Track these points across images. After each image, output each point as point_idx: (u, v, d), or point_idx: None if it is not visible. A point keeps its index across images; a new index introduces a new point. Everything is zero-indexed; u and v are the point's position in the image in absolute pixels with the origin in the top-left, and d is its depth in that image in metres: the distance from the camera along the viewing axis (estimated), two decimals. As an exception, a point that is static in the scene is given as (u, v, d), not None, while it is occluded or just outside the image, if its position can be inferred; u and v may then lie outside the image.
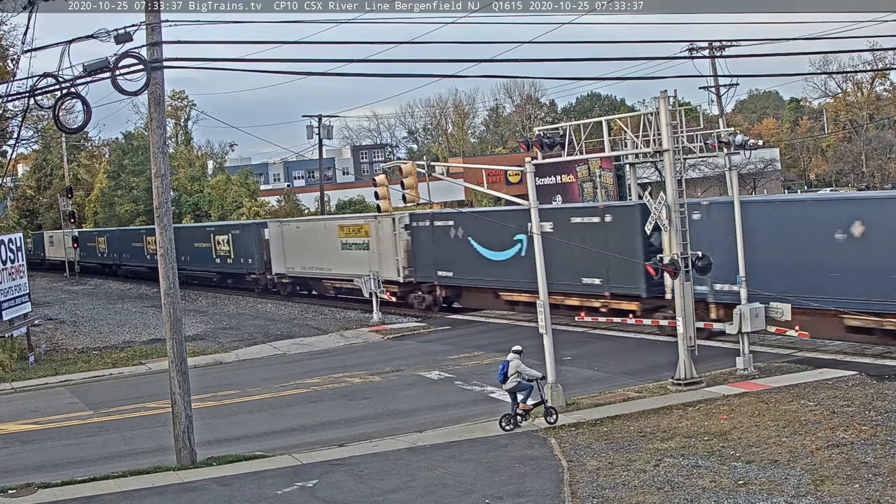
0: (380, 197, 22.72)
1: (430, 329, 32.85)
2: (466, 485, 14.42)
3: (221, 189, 66.55)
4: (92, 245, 69.13)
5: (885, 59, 70.18)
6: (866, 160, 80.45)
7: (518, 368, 17.64)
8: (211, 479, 15.82)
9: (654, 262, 20.49)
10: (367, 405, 21.65)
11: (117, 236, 65.04)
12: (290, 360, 29.14)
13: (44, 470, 17.65)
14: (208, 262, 51.55)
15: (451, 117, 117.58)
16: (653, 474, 14.12)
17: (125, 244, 63.03)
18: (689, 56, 44.72)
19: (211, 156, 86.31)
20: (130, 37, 15.31)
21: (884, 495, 12.43)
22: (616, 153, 22.80)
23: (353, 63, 23.26)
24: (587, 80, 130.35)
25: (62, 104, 16.45)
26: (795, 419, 16.67)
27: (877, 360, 21.74)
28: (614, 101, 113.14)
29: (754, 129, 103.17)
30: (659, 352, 24.72)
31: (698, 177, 62.15)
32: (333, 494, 14.46)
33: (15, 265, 30.48)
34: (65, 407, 23.93)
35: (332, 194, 70.29)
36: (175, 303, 17.18)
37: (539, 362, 18.90)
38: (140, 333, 36.71)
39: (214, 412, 21.90)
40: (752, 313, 20.95)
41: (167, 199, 17.21)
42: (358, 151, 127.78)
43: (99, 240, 68.26)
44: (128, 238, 62.68)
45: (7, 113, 33.81)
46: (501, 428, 17.58)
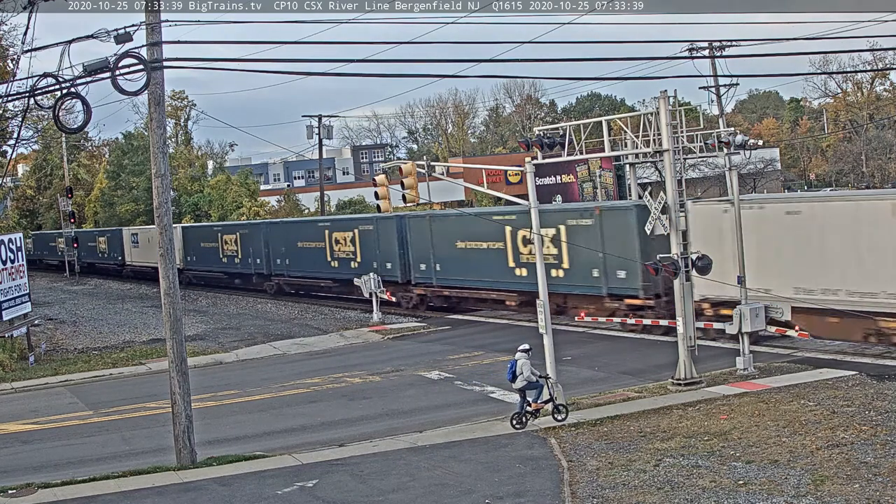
0: (380, 197, 22.71)
1: (429, 329, 32.85)
2: (466, 485, 14.42)
3: (221, 189, 66.56)
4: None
5: (885, 59, 70.18)
6: (866, 160, 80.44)
7: (522, 368, 17.69)
8: (211, 479, 15.82)
9: (655, 261, 20.51)
10: (367, 405, 21.65)
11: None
12: (290, 360, 29.14)
13: (44, 470, 17.65)
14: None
15: (451, 117, 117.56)
16: (653, 474, 14.12)
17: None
18: (689, 56, 44.75)
19: (211, 156, 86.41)
20: (130, 37, 15.32)
21: (884, 495, 12.44)
22: (616, 153, 22.80)
23: (353, 63, 23.26)
24: (587, 80, 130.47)
25: (62, 104, 16.46)
26: (795, 419, 16.67)
27: (877, 360, 21.73)
28: (614, 101, 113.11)
29: (754, 129, 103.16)
30: (659, 352, 24.72)
31: (698, 177, 62.13)
32: (333, 494, 14.46)
33: (15, 265, 30.48)
34: (65, 407, 23.93)
35: (332, 194, 70.31)
36: (175, 303, 17.19)
37: (539, 362, 18.90)
38: (140, 333, 36.71)
39: (214, 412, 21.90)
40: (752, 313, 20.96)
41: (167, 199, 17.21)
42: (358, 151, 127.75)
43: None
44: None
45: (7, 113, 33.82)
46: (512, 426, 17.65)
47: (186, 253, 53.54)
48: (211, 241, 51.59)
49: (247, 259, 47.86)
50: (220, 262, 50.83)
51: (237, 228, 50.24)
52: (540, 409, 17.98)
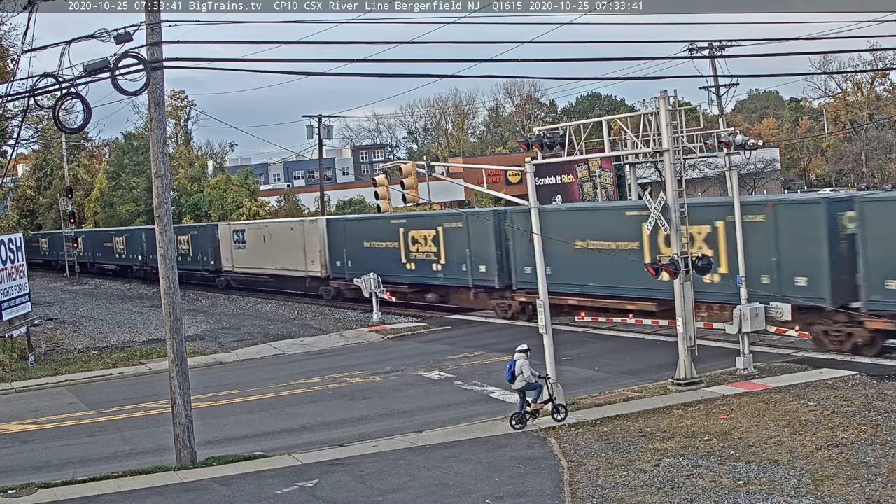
0: (380, 197, 22.72)
1: (429, 329, 32.85)
2: (466, 485, 14.42)
3: (221, 189, 66.54)
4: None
5: (885, 59, 70.23)
6: (866, 160, 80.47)
7: (522, 369, 17.70)
8: (211, 479, 15.82)
9: (654, 261, 20.51)
10: (367, 405, 21.65)
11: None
12: (290, 360, 29.14)
13: (44, 470, 17.65)
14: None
15: (451, 117, 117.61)
16: (653, 474, 14.12)
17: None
18: (689, 56, 44.80)
19: (211, 156, 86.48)
20: (130, 37, 15.31)
21: (884, 495, 12.43)
22: (616, 153, 22.81)
23: (353, 63, 23.31)
24: (587, 80, 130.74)
25: (62, 104, 16.44)
26: (795, 419, 16.67)
27: (877, 360, 21.73)
28: (614, 101, 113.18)
29: (754, 129, 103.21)
30: (659, 352, 24.72)
31: (698, 177, 62.16)
32: (333, 494, 14.46)
33: (15, 265, 30.47)
34: (65, 407, 23.92)
35: (332, 194, 70.28)
36: (175, 303, 17.18)
37: (539, 362, 18.91)
38: (140, 333, 36.71)
39: (214, 412, 21.90)
40: (752, 313, 20.96)
41: (167, 199, 17.21)
42: (358, 151, 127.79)
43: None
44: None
45: (7, 113, 33.83)
46: (512, 426, 17.65)
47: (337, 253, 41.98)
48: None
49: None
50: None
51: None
52: (539, 410, 17.99)
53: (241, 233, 48.65)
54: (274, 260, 45.32)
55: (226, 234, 50.26)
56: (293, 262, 43.79)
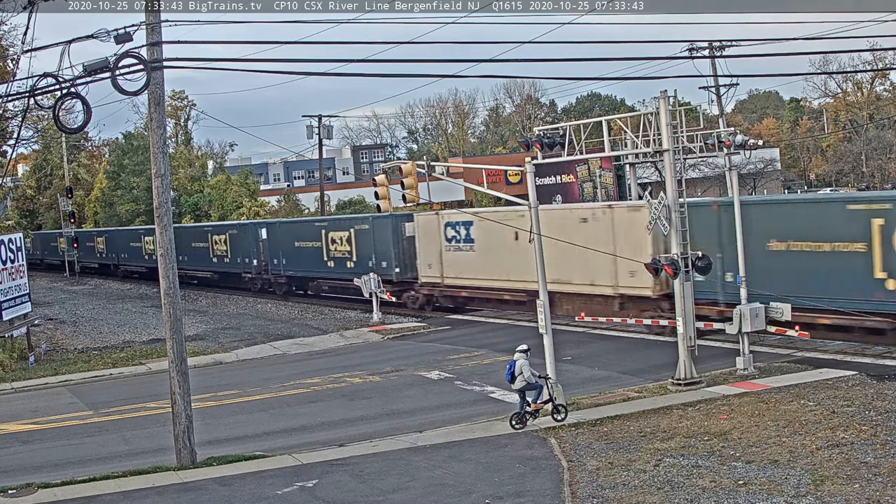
0: (380, 197, 22.72)
1: (429, 329, 32.85)
2: (466, 485, 14.42)
3: (221, 189, 66.60)
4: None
5: (885, 59, 70.23)
6: (866, 160, 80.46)
7: (522, 369, 17.69)
8: (211, 479, 15.82)
9: (654, 261, 20.50)
10: (367, 405, 21.65)
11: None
12: (290, 360, 29.14)
13: (44, 470, 17.65)
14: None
15: (451, 117, 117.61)
16: (653, 474, 14.12)
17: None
18: (689, 56, 44.76)
19: (211, 156, 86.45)
20: (130, 37, 15.31)
21: (884, 495, 12.43)
22: (616, 153, 22.82)
23: (353, 63, 23.31)
24: (587, 80, 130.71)
25: (62, 104, 16.45)
26: (795, 419, 16.67)
27: (877, 360, 21.75)
28: (614, 101, 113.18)
29: (754, 129, 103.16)
30: (659, 352, 24.72)
31: (698, 177, 62.15)
32: (333, 494, 14.46)
33: (15, 265, 30.47)
34: (65, 407, 23.92)
35: (332, 194, 70.33)
36: (175, 303, 17.18)
37: (539, 362, 18.91)
38: (140, 333, 36.71)
39: (214, 412, 21.90)
40: (752, 313, 20.96)
41: (167, 199, 17.21)
42: (358, 151, 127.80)
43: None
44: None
45: (7, 113, 33.84)
46: (512, 427, 17.64)
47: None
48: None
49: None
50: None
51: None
52: (539, 410, 17.99)
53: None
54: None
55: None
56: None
